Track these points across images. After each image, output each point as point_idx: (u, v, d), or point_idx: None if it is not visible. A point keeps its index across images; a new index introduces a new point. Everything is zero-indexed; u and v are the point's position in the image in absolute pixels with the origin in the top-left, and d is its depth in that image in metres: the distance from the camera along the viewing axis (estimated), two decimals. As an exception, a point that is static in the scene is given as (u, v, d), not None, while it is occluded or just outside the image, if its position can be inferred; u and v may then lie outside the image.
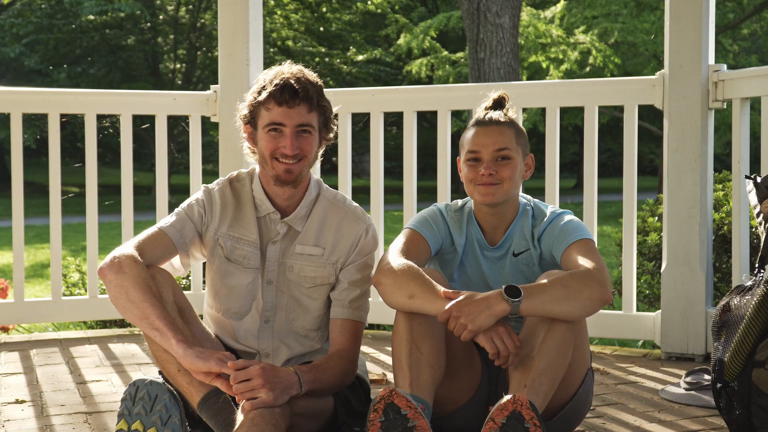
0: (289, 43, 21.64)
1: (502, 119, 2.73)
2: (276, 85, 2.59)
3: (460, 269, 2.77)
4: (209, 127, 10.40)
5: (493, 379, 2.68)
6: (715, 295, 4.29)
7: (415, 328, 2.47)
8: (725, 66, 3.91)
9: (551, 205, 2.86)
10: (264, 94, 2.61)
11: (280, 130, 2.61)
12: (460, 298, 2.41)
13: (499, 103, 2.80)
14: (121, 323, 4.76)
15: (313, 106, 2.62)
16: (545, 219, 2.73)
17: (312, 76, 2.66)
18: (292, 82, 2.59)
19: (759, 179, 2.91)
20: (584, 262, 2.52)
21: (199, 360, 2.40)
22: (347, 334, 2.69)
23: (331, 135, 2.73)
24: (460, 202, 2.86)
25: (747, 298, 2.67)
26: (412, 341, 2.45)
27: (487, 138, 2.68)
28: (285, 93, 2.58)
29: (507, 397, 2.25)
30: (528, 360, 2.40)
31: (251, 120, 2.67)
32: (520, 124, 2.77)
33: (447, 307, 2.40)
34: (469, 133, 2.73)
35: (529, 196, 2.84)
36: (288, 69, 2.64)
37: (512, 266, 2.74)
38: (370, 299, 2.83)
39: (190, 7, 22.69)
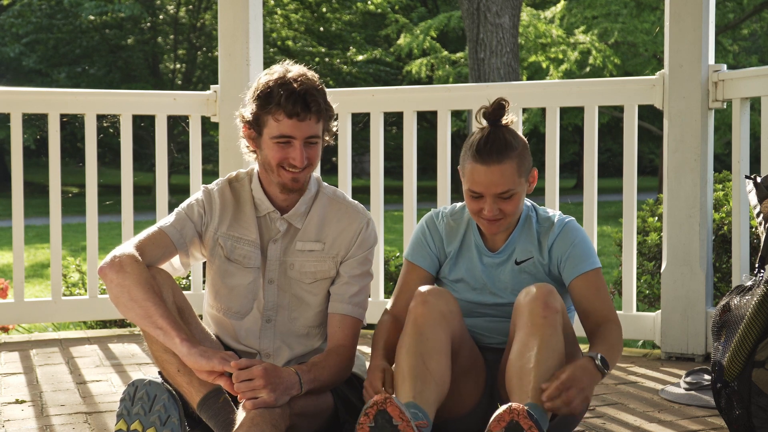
0: (289, 43, 21.62)
1: (503, 151, 2.55)
2: (287, 97, 2.53)
3: (454, 271, 2.75)
4: (209, 127, 10.39)
5: (495, 393, 2.67)
6: (715, 295, 4.28)
7: (424, 342, 2.45)
8: (725, 66, 3.91)
9: (549, 208, 2.82)
10: (273, 104, 2.55)
11: (289, 141, 2.58)
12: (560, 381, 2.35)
13: (498, 110, 2.62)
14: (121, 323, 4.76)
15: (321, 117, 2.60)
16: (553, 226, 2.69)
17: (315, 80, 2.60)
18: (303, 93, 2.53)
19: (759, 179, 2.91)
20: (601, 307, 2.61)
21: (202, 359, 2.40)
22: (346, 330, 2.69)
23: (332, 136, 2.71)
24: (458, 205, 2.83)
25: (747, 298, 2.67)
26: (420, 355, 2.43)
27: (488, 179, 2.55)
28: (297, 106, 2.53)
29: (503, 408, 2.22)
30: (526, 371, 2.38)
31: (255, 125, 2.62)
32: (520, 131, 2.69)
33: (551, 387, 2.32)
34: (468, 165, 2.59)
35: (525, 199, 2.77)
36: (291, 74, 2.58)
37: (513, 273, 2.71)
38: (369, 299, 2.83)
39: (190, 7, 22.68)
